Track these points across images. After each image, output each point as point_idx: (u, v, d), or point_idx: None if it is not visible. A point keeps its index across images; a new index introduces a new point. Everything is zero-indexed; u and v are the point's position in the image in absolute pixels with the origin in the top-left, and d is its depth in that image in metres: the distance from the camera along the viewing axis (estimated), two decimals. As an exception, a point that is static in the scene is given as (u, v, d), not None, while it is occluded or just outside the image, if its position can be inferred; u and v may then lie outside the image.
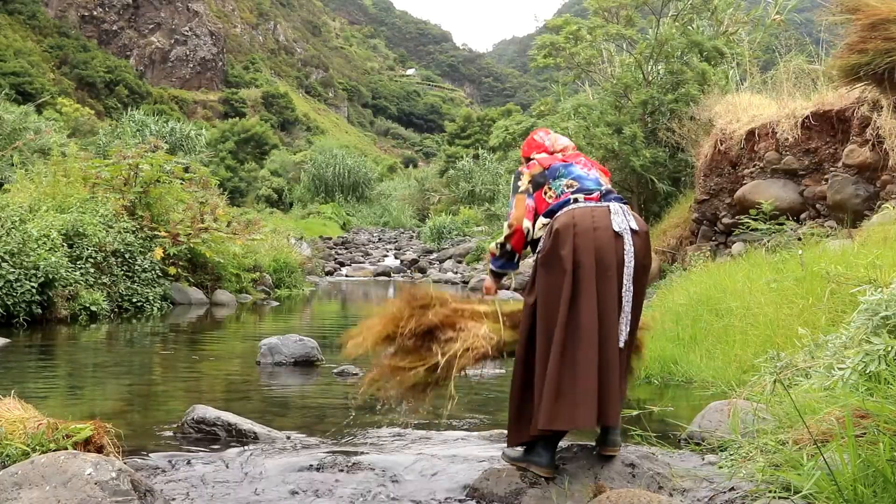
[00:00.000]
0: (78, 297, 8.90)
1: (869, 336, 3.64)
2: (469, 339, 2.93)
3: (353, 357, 3.07)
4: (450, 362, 2.88)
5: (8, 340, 7.03)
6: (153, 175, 11.48)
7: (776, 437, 2.82)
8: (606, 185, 3.05)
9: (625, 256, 2.83)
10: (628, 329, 2.85)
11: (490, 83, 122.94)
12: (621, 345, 2.82)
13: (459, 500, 2.89)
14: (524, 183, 3.06)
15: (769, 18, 14.15)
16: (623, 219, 2.88)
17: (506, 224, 3.07)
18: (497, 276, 3.21)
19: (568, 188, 2.98)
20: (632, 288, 2.84)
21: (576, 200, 2.93)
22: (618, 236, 2.84)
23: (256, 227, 14.79)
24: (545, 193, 3.01)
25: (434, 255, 25.32)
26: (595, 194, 2.96)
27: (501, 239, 3.09)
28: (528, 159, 3.18)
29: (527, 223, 3.01)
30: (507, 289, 3.20)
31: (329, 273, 21.77)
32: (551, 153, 3.12)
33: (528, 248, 3.11)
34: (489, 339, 2.95)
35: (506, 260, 3.13)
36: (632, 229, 2.88)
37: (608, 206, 2.90)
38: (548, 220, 2.96)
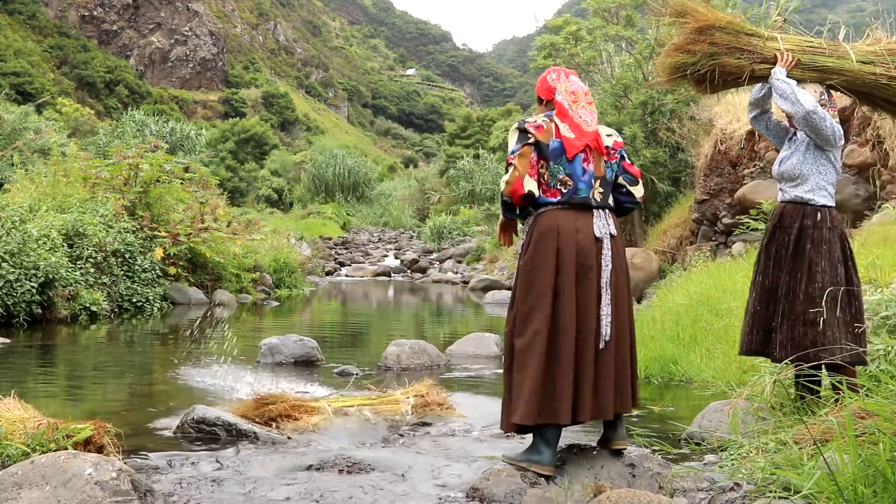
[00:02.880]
0: (78, 297, 8.89)
1: (869, 336, 3.64)
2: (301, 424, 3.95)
3: None
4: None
5: (8, 340, 7.03)
6: (153, 175, 11.48)
7: (776, 437, 2.82)
8: (599, 184, 3.02)
9: (602, 260, 2.94)
10: (609, 330, 2.93)
11: (490, 83, 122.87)
12: (602, 345, 2.91)
13: (459, 500, 2.89)
14: (533, 136, 2.97)
15: (770, 20, 14.12)
16: (605, 223, 2.99)
17: (504, 179, 2.98)
18: (508, 219, 3.15)
19: (562, 185, 2.98)
20: (610, 290, 2.94)
21: (564, 203, 2.96)
22: (598, 240, 2.94)
23: (256, 227, 14.78)
24: (542, 168, 2.99)
25: (434, 255, 25.30)
26: (583, 199, 2.98)
27: (504, 190, 3.00)
28: (541, 100, 3.15)
29: (529, 184, 2.95)
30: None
31: (329, 273, 21.76)
32: (559, 101, 3.02)
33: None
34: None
35: (507, 210, 3.07)
36: (611, 234, 2.99)
37: (592, 211, 2.99)
38: (530, 212, 3.01)
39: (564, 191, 2.98)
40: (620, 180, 3.12)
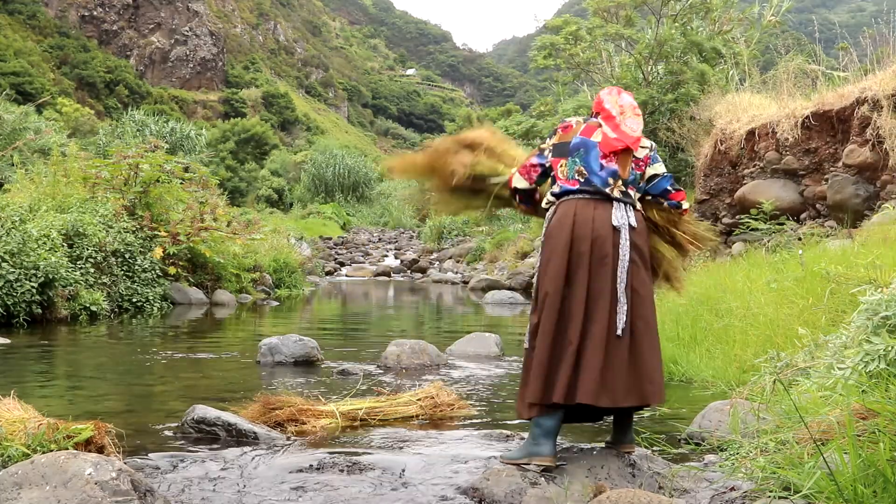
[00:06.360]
0: (78, 297, 8.89)
1: (869, 336, 3.64)
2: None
3: None
4: None
5: (8, 340, 7.03)
6: (153, 175, 11.48)
7: (776, 437, 2.82)
8: (619, 182, 3.03)
9: (620, 250, 2.94)
10: (625, 319, 2.93)
11: (490, 83, 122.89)
12: (619, 332, 2.91)
13: (459, 501, 2.89)
14: (547, 143, 3.20)
15: (765, 19, 14.16)
16: (623, 214, 2.99)
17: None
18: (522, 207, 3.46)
19: (578, 175, 3.04)
20: (625, 279, 2.94)
21: (582, 192, 3.02)
22: (615, 230, 2.95)
23: (256, 226, 14.79)
24: (560, 165, 3.10)
25: (434, 255, 25.30)
26: (599, 188, 3.01)
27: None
28: (593, 115, 3.28)
29: (518, 181, 3.26)
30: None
31: (329, 273, 21.76)
32: (607, 108, 3.12)
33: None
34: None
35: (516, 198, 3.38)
36: (630, 226, 2.98)
37: (612, 202, 3.01)
38: (552, 201, 3.10)
39: (582, 180, 3.04)
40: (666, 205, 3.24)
